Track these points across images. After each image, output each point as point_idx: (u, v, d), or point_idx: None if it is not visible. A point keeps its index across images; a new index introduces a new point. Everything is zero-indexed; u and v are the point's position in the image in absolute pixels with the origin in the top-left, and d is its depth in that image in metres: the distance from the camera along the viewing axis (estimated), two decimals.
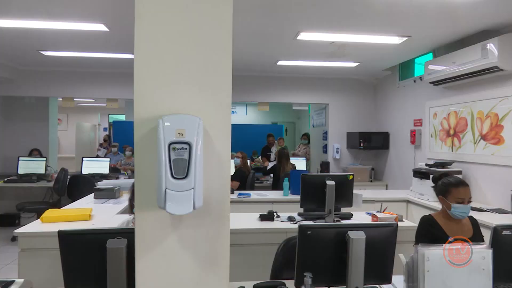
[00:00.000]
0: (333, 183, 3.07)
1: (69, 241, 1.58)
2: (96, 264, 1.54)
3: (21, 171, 5.93)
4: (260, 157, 7.61)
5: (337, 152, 6.81)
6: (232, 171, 5.30)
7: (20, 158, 6.05)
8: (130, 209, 2.74)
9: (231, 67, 1.22)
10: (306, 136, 8.30)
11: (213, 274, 1.22)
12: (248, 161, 6.06)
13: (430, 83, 4.74)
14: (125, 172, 6.58)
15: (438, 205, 3.46)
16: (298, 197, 3.35)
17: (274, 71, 6.47)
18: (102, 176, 5.91)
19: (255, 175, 5.98)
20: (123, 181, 4.98)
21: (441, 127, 4.84)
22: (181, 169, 1.08)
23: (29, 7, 3.46)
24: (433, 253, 1.48)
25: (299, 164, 6.41)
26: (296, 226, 3.09)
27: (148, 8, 1.19)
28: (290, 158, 5.97)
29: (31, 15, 3.67)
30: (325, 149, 7.18)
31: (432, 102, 5.05)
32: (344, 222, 3.21)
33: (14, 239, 5.22)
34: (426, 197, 4.21)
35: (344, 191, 3.19)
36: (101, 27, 3.93)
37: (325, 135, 7.18)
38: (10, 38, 4.51)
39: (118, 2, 3.32)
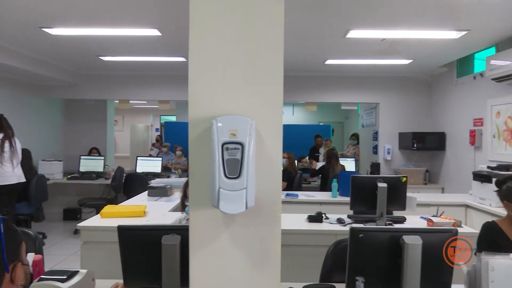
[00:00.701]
0: (384, 185, 2.97)
1: (127, 235, 1.66)
2: (152, 259, 1.61)
3: (82, 169, 6.36)
4: (307, 158, 7.52)
5: (388, 153, 6.56)
6: None
7: (82, 157, 6.49)
8: (182, 207, 2.83)
9: (283, 67, 1.23)
10: (355, 136, 8.09)
11: (264, 273, 1.22)
12: (296, 161, 6.03)
13: (493, 79, 4.42)
14: (176, 172, 6.81)
15: (501, 211, 3.23)
16: (347, 199, 3.27)
17: (322, 70, 6.38)
18: (155, 175, 6.17)
19: (302, 176, 5.93)
20: (174, 180, 5.17)
21: (505, 127, 4.49)
22: (234, 169, 1.10)
23: (89, 16, 3.70)
24: (499, 263, 1.38)
25: (348, 165, 6.27)
26: (345, 228, 3.05)
27: (202, 13, 1.22)
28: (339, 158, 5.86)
29: (91, 24, 3.92)
30: (375, 149, 6.96)
31: (495, 100, 4.70)
32: (397, 226, 3.09)
33: (76, 232, 5.61)
34: (488, 202, 3.94)
35: (397, 194, 3.07)
36: (154, 32, 4.10)
37: (375, 136, 6.96)
38: (72, 45, 4.85)
39: (170, 8, 3.46)
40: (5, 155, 4.26)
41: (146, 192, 4.34)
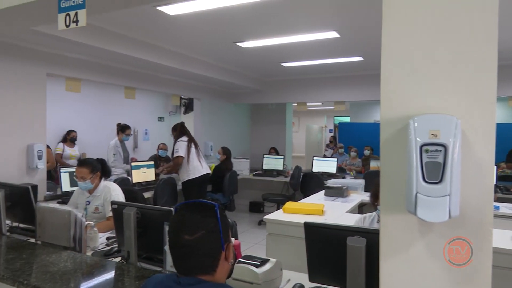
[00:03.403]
0: None
1: (313, 232, 1.74)
2: (336, 258, 1.63)
3: (265, 166, 7.01)
4: (505, 163, 6.25)
5: None
6: None
7: (265, 156, 7.15)
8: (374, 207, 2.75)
9: (496, 59, 1.05)
10: None
11: None
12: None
13: None
14: (351, 172, 6.75)
15: None
16: None
17: None
18: (330, 175, 6.26)
19: (497, 184, 4.98)
20: (350, 181, 5.13)
21: None
22: (434, 173, 1.00)
23: (274, 28, 4.04)
24: None
25: None
26: None
27: (396, 8, 1.16)
28: None
29: (275, 34, 4.27)
30: None
31: None
32: None
33: (259, 223, 6.22)
34: None
35: None
36: (333, 34, 4.17)
37: None
38: (258, 55, 5.39)
39: (350, 9, 3.45)
40: (192, 152, 5.08)
41: (323, 191, 4.44)
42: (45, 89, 4.15)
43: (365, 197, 4.31)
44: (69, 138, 6.21)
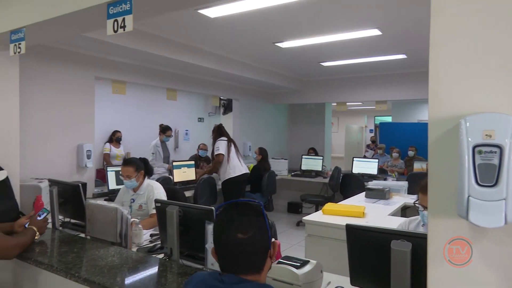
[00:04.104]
0: None
1: (355, 234, 1.70)
2: (380, 262, 1.58)
3: (303, 167, 6.96)
4: None
5: None
6: None
7: (303, 156, 7.10)
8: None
9: None
10: None
11: None
12: None
13: None
14: (393, 174, 6.54)
15: None
16: None
17: None
18: (371, 176, 6.10)
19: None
20: (392, 183, 4.97)
21: None
22: (488, 175, 0.95)
23: (313, 27, 4.00)
24: None
25: None
26: None
27: (446, 3, 1.11)
28: None
29: (315, 33, 4.23)
30: None
31: None
32: None
33: (298, 224, 6.19)
34: None
35: None
36: (375, 32, 4.06)
37: None
38: (297, 55, 5.36)
39: (392, 5, 3.34)
40: (232, 152, 5.13)
41: (363, 193, 4.34)
42: (94, 92, 4.37)
43: (409, 199, 4.16)
44: (115, 138, 6.50)
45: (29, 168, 3.55)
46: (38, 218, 2.38)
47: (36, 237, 2.27)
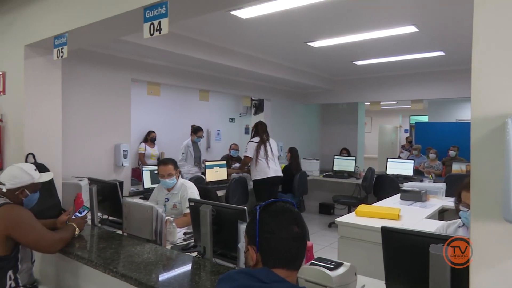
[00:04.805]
0: None
1: (391, 237, 1.65)
2: (417, 266, 1.53)
3: (335, 167, 6.85)
4: None
5: None
6: None
7: (335, 157, 6.99)
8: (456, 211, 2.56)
9: None
10: None
11: None
12: None
13: None
14: (430, 176, 6.31)
15: None
16: None
17: None
18: (406, 178, 5.93)
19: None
20: (428, 185, 4.78)
21: None
22: None
23: (346, 25, 3.94)
24: None
25: None
26: None
27: None
28: None
29: (348, 32, 4.15)
30: None
31: None
32: None
33: (330, 225, 6.10)
34: None
35: None
36: (410, 29, 3.93)
37: None
38: (329, 54, 5.29)
39: (429, 0, 3.23)
40: (260, 154, 5.10)
41: (398, 195, 4.22)
42: (130, 93, 4.52)
43: (447, 202, 4.00)
44: (150, 138, 6.68)
45: (70, 167, 3.71)
46: (79, 215, 2.49)
47: (76, 233, 2.38)
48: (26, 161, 2.91)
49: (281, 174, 5.33)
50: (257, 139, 5.22)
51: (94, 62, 4.11)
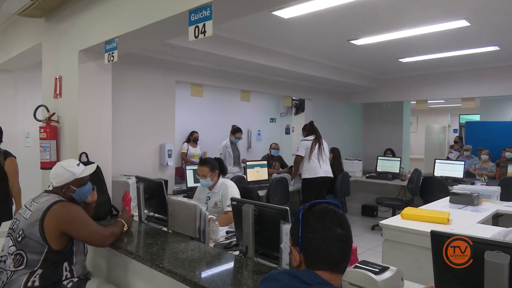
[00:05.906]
0: None
1: (441, 242, 1.57)
2: (470, 274, 1.45)
3: (379, 168, 6.65)
4: None
5: None
6: None
7: (379, 158, 6.79)
8: None
9: None
10: None
11: None
12: None
13: None
14: (482, 178, 5.95)
15: None
16: None
17: None
18: (455, 180, 5.64)
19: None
20: (480, 188, 4.52)
21: None
22: None
23: (391, 22, 3.81)
24: None
25: None
26: None
27: None
28: None
29: (392, 28, 4.02)
30: None
31: None
32: None
33: (373, 228, 5.94)
34: None
35: None
36: (462, 23, 3.73)
37: None
38: (373, 52, 5.14)
39: None
40: (314, 152, 5.05)
41: (447, 198, 4.02)
42: (174, 95, 4.66)
43: (502, 206, 3.76)
44: (192, 138, 6.85)
45: (119, 165, 3.89)
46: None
47: (124, 229, 2.49)
48: (79, 160, 3.09)
49: (331, 175, 5.25)
50: (312, 137, 5.19)
51: (140, 65, 4.28)
